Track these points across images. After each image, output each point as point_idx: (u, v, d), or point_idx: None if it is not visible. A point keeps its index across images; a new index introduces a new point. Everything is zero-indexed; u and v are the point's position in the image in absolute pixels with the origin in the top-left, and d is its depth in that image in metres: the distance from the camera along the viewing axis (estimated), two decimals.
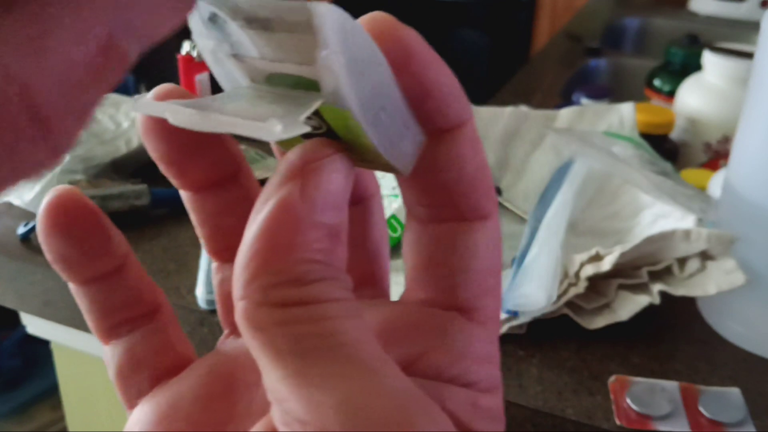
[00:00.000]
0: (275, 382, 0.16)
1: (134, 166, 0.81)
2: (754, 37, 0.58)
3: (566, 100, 1.17)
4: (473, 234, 0.19)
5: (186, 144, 0.20)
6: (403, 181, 0.19)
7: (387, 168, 0.18)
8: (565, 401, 0.52)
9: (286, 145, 0.19)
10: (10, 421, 1.64)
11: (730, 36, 1.33)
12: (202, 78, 0.85)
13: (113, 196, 0.71)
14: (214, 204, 0.22)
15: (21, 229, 0.70)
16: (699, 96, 0.93)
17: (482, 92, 1.30)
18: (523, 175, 0.80)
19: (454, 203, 0.19)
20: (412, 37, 0.17)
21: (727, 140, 0.90)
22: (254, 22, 0.17)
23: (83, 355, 0.79)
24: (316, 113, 0.17)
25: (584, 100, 1.02)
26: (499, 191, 0.78)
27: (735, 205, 0.59)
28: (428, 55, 0.18)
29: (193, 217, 0.23)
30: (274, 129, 0.15)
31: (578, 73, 1.44)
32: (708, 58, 0.92)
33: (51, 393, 1.64)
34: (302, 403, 0.15)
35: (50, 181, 0.72)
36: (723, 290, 0.55)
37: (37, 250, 0.70)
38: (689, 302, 0.62)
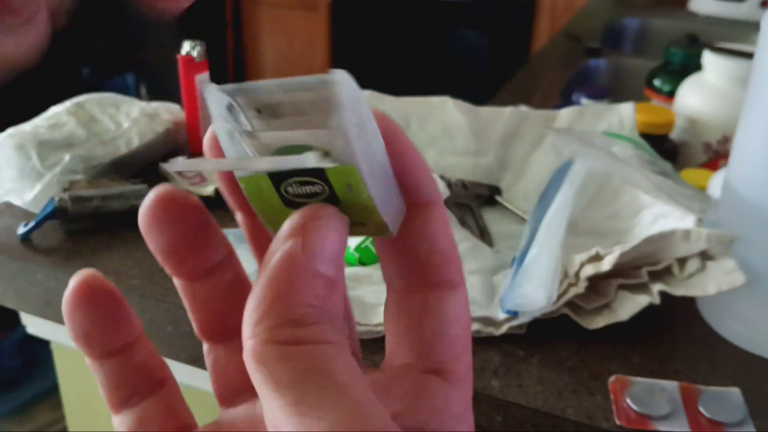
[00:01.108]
0: (275, 410, 0.18)
1: (134, 166, 0.81)
2: (754, 37, 0.58)
3: (566, 100, 1.17)
4: (445, 303, 0.22)
5: (182, 235, 0.23)
6: (384, 255, 0.22)
7: (378, 229, 0.21)
8: (564, 401, 0.52)
9: (274, 221, 0.22)
10: (11, 420, 1.64)
11: (730, 36, 1.33)
12: (202, 78, 0.85)
13: (113, 196, 0.71)
14: (205, 290, 0.24)
15: (21, 229, 0.70)
16: (699, 96, 0.93)
17: (482, 92, 1.30)
18: (523, 175, 0.81)
19: (428, 274, 0.22)
20: (397, 125, 0.21)
21: (726, 140, 0.90)
22: (265, 110, 0.20)
23: (83, 355, 0.79)
24: (321, 176, 0.20)
25: (584, 100, 1.02)
26: (499, 191, 0.78)
27: (735, 205, 0.59)
28: (409, 141, 0.21)
29: (186, 303, 0.25)
30: (309, 160, 0.19)
31: (578, 73, 1.45)
32: (708, 58, 0.92)
33: (51, 393, 1.64)
34: (297, 429, 0.17)
35: (50, 182, 0.72)
36: (723, 290, 0.55)
37: (37, 250, 0.70)
38: (689, 302, 0.62)
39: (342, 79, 0.19)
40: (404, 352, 0.22)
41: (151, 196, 0.23)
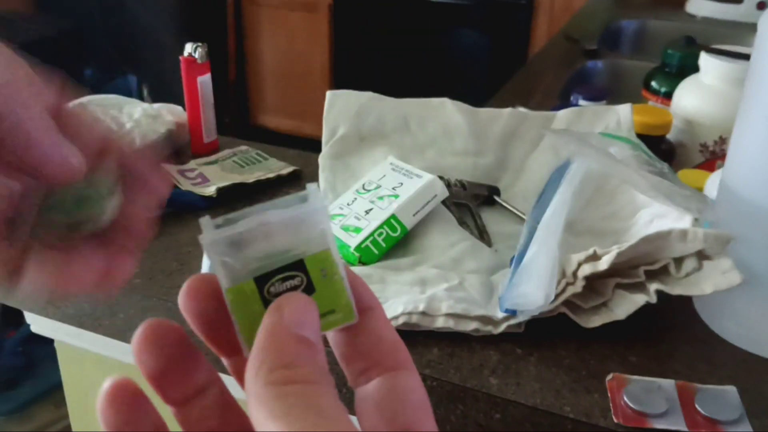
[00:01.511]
0: None
1: None
2: (750, 38, 0.59)
3: (564, 102, 1.17)
4: (401, 379, 0.26)
5: (169, 359, 0.27)
6: (344, 359, 0.27)
7: (345, 313, 0.26)
8: (563, 399, 0.53)
9: (252, 330, 0.25)
10: (14, 418, 1.64)
11: (727, 38, 1.33)
12: (203, 80, 0.86)
13: None
14: (196, 412, 0.28)
15: None
16: (696, 97, 0.93)
17: (481, 93, 1.30)
18: (521, 176, 0.81)
19: (381, 362, 0.26)
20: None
21: (723, 141, 0.91)
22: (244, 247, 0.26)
23: (87, 353, 0.80)
24: (301, 268, 0.26)
25: (582, 101, 1.02)
26: (497, 191, 0.78)
27: (731, 205, 0.59)
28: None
29: (181, 428, 0.28)
30: (311, 190, 0.27)
31: (576, 74, 1.45)
32: (705, 59, 0.93)
33: (54, 391, 1.64)
34: None
35: None
36: (719, 290, 0.55)
37: None
38: (686, 302, 0.63)
39: (315, 188, 0.26)
40: (382, 425, 0.25)
41: (142, 327, 0.26)
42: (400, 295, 0.60)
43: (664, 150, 0.90)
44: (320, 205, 0.26)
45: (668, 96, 1.03)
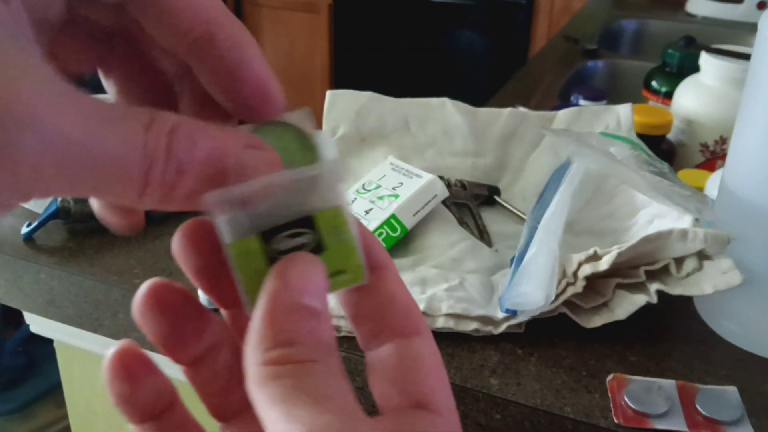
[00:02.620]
0: (269, 425, 0.20)
1: None
2: (750, 38, 0.59)
3: (564, 102, 1.17)
4: (414, 346, 0.24)
5: (174, 322, 0.25)
6: (356, 320, 0.25)
7: (355, 274, 0.24)
8: (563, 399, 0.53)
9: (254, 289, 0.23)
10: (14, 419, 1.64)
11: (727, 37, 1.33)
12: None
13: None
14: (208, 372, 0.27)
15: (24, 229, 0.71)
16: (696, 97, 0.93)
17: (481, 93, 1.30)
18: (521, 176, 0.81)
19: (395, 326, 0.24)
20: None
21: (723, 141, 0.91)
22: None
23: (86, 353, 0.80)
24: (311, 225, 0.24)
25: (582, 101, 1.02)
26: (497, 191, 0.78)
27: (732, 205, 0.59)
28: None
29: (194, 388, 0.27)
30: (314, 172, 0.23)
31: (576, 74, 1.45)
32: (705, 59, 0.93)
33: (54, 391, 1.64)
34: None
35: None
36: (719, 290, 0.55)
37: (40, 249, 0.70)
38: (686, 302, 0.63)
39: (329, 138, 0.23)
40: (390, 399, 0.24)
41: (141, 290, 0.25)
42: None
43: (665, 150, 0.90)
44: (333, 166, 0.24)
45: (668, 96, 1.03)
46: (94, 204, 0.26)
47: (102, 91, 0.29)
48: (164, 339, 0.25)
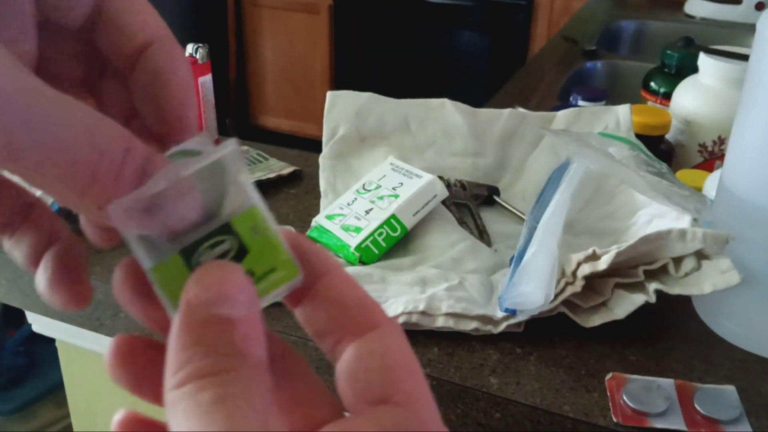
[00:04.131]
0: None
1: None
2: (749, 39, 0.59)
3: (564, 102, 1.17)
4: (369, 343, 0.23)
5: (145, 374, 0.25)
6: (314, 331, 0.24)
7: (288, 271, 0.24)
8: (562, 398, 0.53)
9: (169, 286, 0.23)
10: (15, 418, 1.64)
11: (726, 38, 1.34)
12: (204, 80, 0.86)
13: None
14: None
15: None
16: (695, 98, 0.93)
17: (481, 94, 1.31)
18: (521, 176, 0.81)
19: (349, 328, 0.23)
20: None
21: (722, 141, 0.91)
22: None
23: (88, 352, 0.80)
24: (229, 230, 0.23)
25: (581, 102, 1.02)
26: (497, 191, 0.79)
27: (730, 205, 0.60)
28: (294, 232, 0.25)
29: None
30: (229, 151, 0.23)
31: (575, 75, 1.45)
32: (704, 60, 0.93)
33: (55, 391, 1.64)
34: None
35: None
36: (718, 289, 0.55)
37: None
38: (685, 301, 0.63)
39: (232, 147, 0.23)
40: (354, 402, 0.23)
41: (109, 349, 0.25)
42: (400, 295, 0.60)
43: (663, 150, 0.90)
44: (230, 149, 0.23)
45: (667, 96, 1.03)
46: (39, 283, 0.26)
47: None
48: (140, 389, 0.25)
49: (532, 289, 0.56)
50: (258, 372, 0.21)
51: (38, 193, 0.26)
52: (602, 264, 0.56)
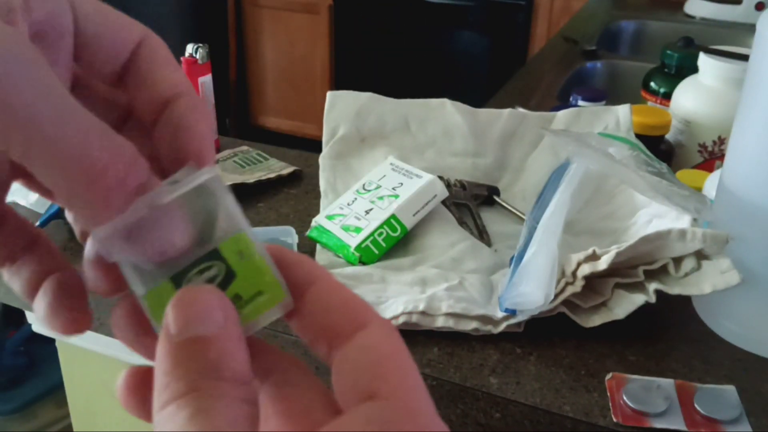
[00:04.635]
0: None
1: None
2: (749, 39, 0.59)
3: (563, 102, 1.18)
4: (356, 343, 0.23)
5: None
6: (312, 344, 0.25)
7: (274, 293, 0.24)
8: (562, 398, 0.53)
9: (160, 313, 0.23)
10: (15, 418, 1.64)
11: (726, 38, 1.34)
12: (204, 80, 0.86)
13: None
14: None
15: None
16: (694, 98, 0.93)
17: (481, 94, 1.31)
18: (521, 176, 0.81)
19: (338, 332, 0.24)
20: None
21: (722, 141, 0.91)
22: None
23: (88, 352, 0.80)
24: (217, 256, 0.24)
25: (581, 102, 1.03)
26: (497, 191, 0.79)
27: (730, 205, 0.60)
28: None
29: None
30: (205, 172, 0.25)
31: (575, 75, 1.45)
32: (703, 60, 0.93)
33: (55, 391, 1.64)
34: None
35: None
36: (718, 289, 0.55)
37: None
38: (685, 301, 0.63)
39: (211, 174, 0.24)
40: (344, 402, 0.23)
41: (119, 382, 0.25)
42: (400, 295, 0.60)
43: (663, 150, 0.90)
44: (208, 175, 0.24)
45: (667, 96, 1.03)
46: (38, 310, 0.27)
47: None
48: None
49: (532, 289, 0.56)
50: (235, 386, 0.22)
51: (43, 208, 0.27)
52: (602, 264, 0.56)
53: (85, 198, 0.23)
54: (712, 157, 0.93)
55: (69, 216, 0.29)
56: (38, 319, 0.27)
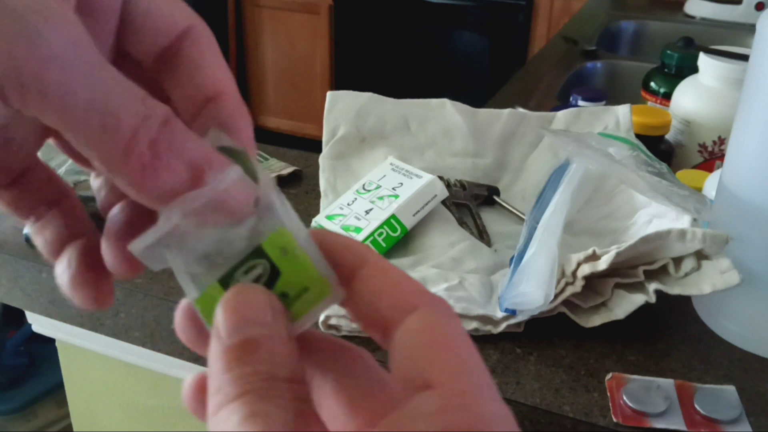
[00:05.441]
0: None
1: None
2: (749, 39, 0.59)
3: (563, 102, 1.18)
4: (405, 328, 0.23)
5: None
6: (367, 330, 0.24)
7: (321, 288, 0.24)
8: (562, 398, 0.53)
9: (207, 307, 0.24)
10: (15, 418, 1.64)
11: (726, 38, 1.34)
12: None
13: None
14: None
15: (26, 229, 0.71)
16: (694, 98, 0.94)
17: (481, 94, 1.31)
18: (521, 176, 0.81)
19: (390, 317, 0.23)
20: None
21: (722, 141, 0.91)
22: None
23: (88, 352, 0.80)
24: (261, 254, 0.24)
25: (581, 102, 1.03)
26: (497, 191, 0.79)
27: (730, 205, 0.60)
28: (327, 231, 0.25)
29: None
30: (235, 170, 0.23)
31: (575, 75, 1.46)
32: (703, 60, 0.93)
33: (55, 391, 1.64)
34: None
35: None
36: (718, 289, 0.55)
37: None
38: (685, 301, 0.63)
39: (239, 173, 0.23)
40: (400, 387, 0.22)
41: (185, 388, 0.25)
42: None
43: (663, 150, 0.90)
44: (237, 172, 0.24)
45: (667, 96, 1.03)
46: (61, 279, 0.27)
47: None
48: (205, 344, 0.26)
49: (532, 289, 0.56)
50: (287, 386, 0.21)
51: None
52: (602, 264, 0.56)
53: (120, 170, 0.23)
54: (712, 157, 0.93)
55: (94, 183, 0.28)
56: (60, 287, 0.27)
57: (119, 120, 0.22)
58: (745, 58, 0.89)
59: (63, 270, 0.27)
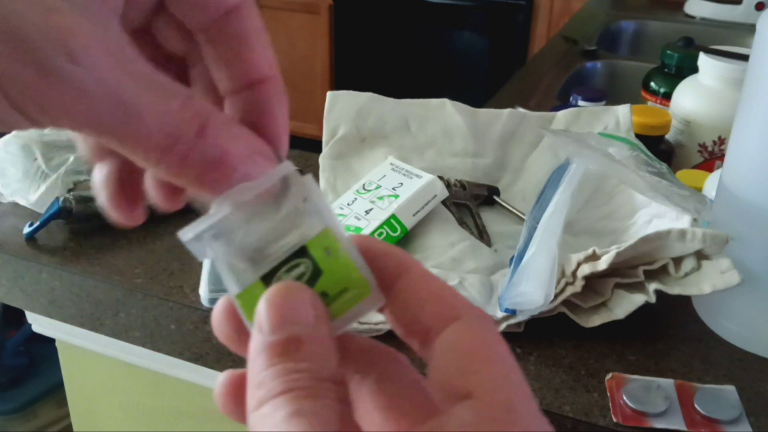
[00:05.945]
0: None
1: None
2: (749, 39, 0.59)
3: (563, 102, 1.17)
4: (445, 338, 0.23)
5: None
6: (407, 337, 0.24)
7: (361, 290, 0.24)
8: (562, 398, 0.53)
9: (253, 312, 0.24)
10: (15, 418, 1.64)
11: (726, 38, 1.34)
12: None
13: None
14: None
15: (26, 229, 0.71)
16: (694, 98, 0.93)
17: (481, 94, 1.31)
18: (521, 176, 0.81)
19: (432, 325, 0.23)
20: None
21: (722, 141, 0.91)
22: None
23: (88, 352, 0.80)
24: (304, 253, 0.24)
25: (581, 102, 1.03)
26: (497, 191, 0.79)
27: (730, 205, 0.60)
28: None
29: None
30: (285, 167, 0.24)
31: (575, 75, 1.45)
32: (703, 60, 0.93)
33: (55, 391, 1.64)
34: None
35: (55, 182, 0.73)
36: (718, 289, 0.55)
37: (42, 249, 0.70)
38: (685, 301, 0.63)
39: (292, 168, 0.24)
40: (439, 397, 0.22)
41: (217, 386, 0.25)
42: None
43: (663, 150, 0.90)
44: (290, 168, 0.24)
45: (667, 96, 1.03)
46: (99, 195, 0.27)
47: None
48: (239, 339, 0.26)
49: (532, 289, 0.56)
50: (330, 387, 0.21)
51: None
52: (602, 264, 0.56)
53: (164, 168, 0.23)
54: (712, 157, 0.93)
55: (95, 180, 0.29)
56: (98, 201, 0.28)
57: (177, 139, 0.23)
58: (745, 58, 0.89)
59: (101, 188, 0.27)
